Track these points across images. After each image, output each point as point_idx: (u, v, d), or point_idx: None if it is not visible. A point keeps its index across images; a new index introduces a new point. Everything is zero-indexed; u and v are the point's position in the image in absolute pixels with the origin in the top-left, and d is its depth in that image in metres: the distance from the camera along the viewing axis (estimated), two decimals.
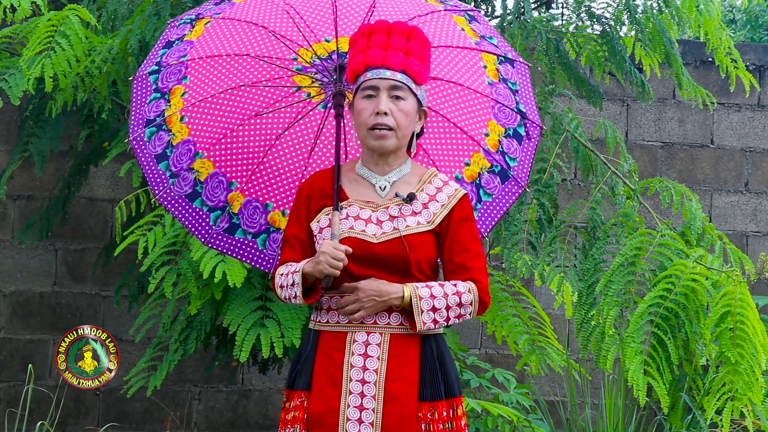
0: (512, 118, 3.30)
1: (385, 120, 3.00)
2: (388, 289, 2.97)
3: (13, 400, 6.33)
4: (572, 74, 5.61)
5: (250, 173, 3.28)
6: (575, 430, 5.76)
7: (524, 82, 3.35)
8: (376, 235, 3.01)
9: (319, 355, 3.03)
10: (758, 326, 4.20)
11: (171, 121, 3.22)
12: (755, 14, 10.20)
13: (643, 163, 6.92)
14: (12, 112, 6.30)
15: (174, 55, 3.24)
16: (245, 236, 3.31)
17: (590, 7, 5.66)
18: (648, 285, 4.41)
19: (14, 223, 6.48)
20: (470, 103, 3.27)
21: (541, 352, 5.03)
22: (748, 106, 7.06)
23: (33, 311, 6.47)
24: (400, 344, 3.00)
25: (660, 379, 4.24)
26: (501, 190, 3.28)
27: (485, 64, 3.30)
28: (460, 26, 3.31)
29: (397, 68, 3.00)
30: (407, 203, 3.04)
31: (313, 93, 3.29)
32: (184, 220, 3.27)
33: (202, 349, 5.47)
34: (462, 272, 3.03)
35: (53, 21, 4.72)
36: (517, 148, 3.31)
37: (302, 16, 3.22)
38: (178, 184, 3.24)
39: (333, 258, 2.93)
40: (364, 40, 3.03)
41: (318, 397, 3.00)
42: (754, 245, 7.00)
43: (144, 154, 3.23)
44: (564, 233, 4.85)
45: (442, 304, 2.98)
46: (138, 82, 3.26)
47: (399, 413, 2.95)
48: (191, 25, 3.28)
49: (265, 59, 3.23)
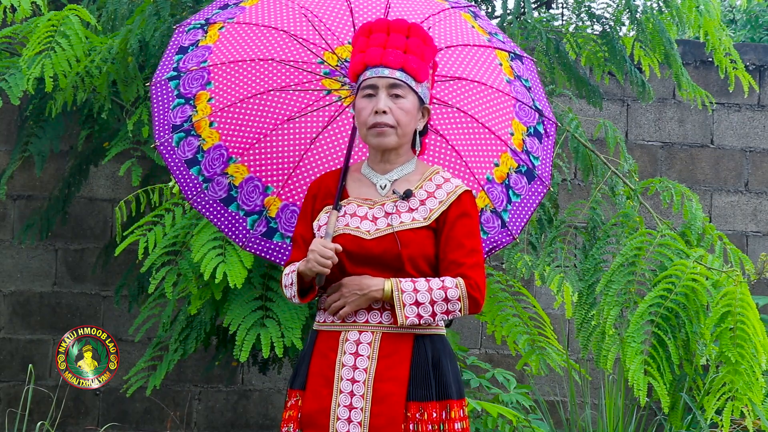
0: (531, 116, 3.27)
1: (384, 119, 2.98)
2: (369, 282, 2.96)
3: (13, 400, 6.33)
4: (572, 74, 5.61)
5: (287, 177, 3.27)
6: (575, 430, 5.76)
7: (534, 78, 3.33)
8: (369, 232, 2.99)
9: (315, 354, 3.04)
10: (758, 326, 4.20)
11: (200, 126, 3.21)
12: (755, 14, 10.20)
13: (643, 163, 6.92)
14: (12, 112, 6.30)
15: (192, 61, 3.23)
16: (284, 240, 3.29)
17: (590, 7, 5.66)
18: (648, 285, 4.41)
19: (14, 223, 6.48)
20: (494, 102, 3.24)
21: (541, 352, 5.03)
22: (748, 106, 7.06)
23: (33, 311, 6.47)
24: (392, 343, 2.98)
25: (660, 379, 4.24)
26: (528, 190, 3.26)
27: (500, 62, 3.28)
28: (470, 23, 3.28)
29: (396, 66, 2.98)
30: (403, 200, 3.01)
31: (344, 95, 3.27)
32: (220, 224, 3.26)
33: (202, 349, 5.47)
34: (454, 268, 2.99)
35: (53, 21, 4.72)
36: (539, 146, 3.29)
37: (321, 20, 3.20)
38: (212, 188, 3.23)
39: (321, 256, 2.93)
40: (364, 39, 3.02)
41: (311, 397, 3.00)
42: (754, 245, 7.00)
43: (173, 159, 3.21)
44: (564, 233, 4.85)
45: (426, 298, 2.94)
46: (157, 87, 3.25)
47: (387, 413, 2.94)
48: (203, 30, 3.27)
49: (291, 63, 3.22)
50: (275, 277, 4.60)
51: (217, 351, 5.23)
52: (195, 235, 4.41)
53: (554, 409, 6.61)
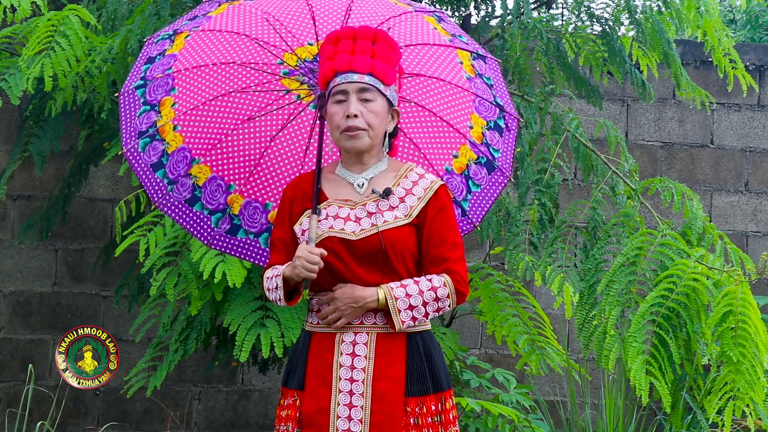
0: (492, 112, 3.40)
1: (356, 122, 3.08)
2: (363, 294, 3.06)
3: (13, 400, 6.33)
4: (572, 74, 5.62)
5: (248, 175, 3.38)
6: (575, 430, 5.76)
7: (497, 77, 3.46)
8: (355, 233, 3.08)
9: (311, 356, 3.13)
10: (760, 326, 4.21)
11: (164, 130, 3.32)
12: (755, 14, 10.20)
13: (643, 163, 6.92)
14: (12, 112, 6.30)
15: (158, 69, 3.34)
16: (247, 236, 3.40)
17: (589, 7, 5.66)
18: (649, 285, 4.42)
19: (14, 223, 6.48)
20: (453, 97, 3.37)
21: (541, 352, 5.04)
22: (748, 106, 7.06)
23: (33, 311, 6.47)
24: (387, 343, 3.09)
25: (662, 378, 4.24)
26: (488, 181, 3.39)
27: (461, 60, 3.40)
28: (432, 25, 3.40)
29: (364, 71, 3.09)
30: (384, 198, 3.11)
31: (303, 94, 3.38)
32: (185, 224, 3.37)
33: (202, 349, 5.47)
34: (438, 263, 3.10)
35: (53, 21, 4.72)
36: (499, 139, 3.41)
37: (282, 23, 3.31)
38: (176, 190, 3.33)
39: (308, 262, 3.02)
40: (331, 47, 3.13)
41: (310, 397, 3.10)
42: (754, 245, 7.00)
43: (139, 164, 3.33)
44: (565, 233, 4.85)
45: (419, 301, 3.06)
46: (125, 96, 3.36)
47: (386, 411, 3.05)
48: (170, 40, 3.37)
49: (251, 65, 3.33)
50: None
51: (217, 351, 5.23)
52: None
53: (554, 409, 6.61)
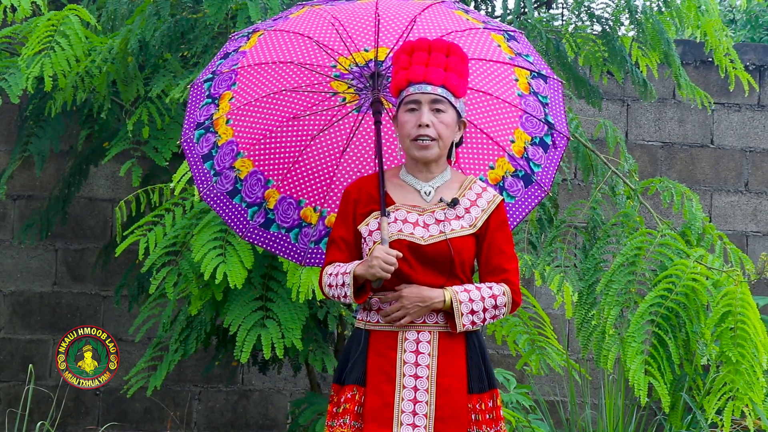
0: (539, 128, 3.49)
1: (427, 131, 3.19)
2: (431, 294, 3.18)
3: (13, 400, 6.33)
4: (572, 74, 5.62)
5: (286, 172, 3.48)
6: (575, 430, 5.76)
7: (555, 96, 3.54)
8: (423, 238, 3.20)
9: (372, 353, 3.22)
10: (759, 326, 4.21)
11: (218, 123, 3.46)
12: (755, 14, 10.20)
13: (643, 163, 6.92)
14: (12, 112, 6.30)
15: (228, 65, 3.48)
16: (279, 230, 3.50)
17: (590, 7, 5.66)
18: (648, 285, 4.42)
19: (14, 223, 6.48)
20: (497, 111, 3.47)
21: (541, 352, 5.03)
22: (748, 106, 7.06)
23: (33, 311, 6.47)
24: (448, 342, 3.21)
25: (661, 378, 4.24)
26: (524, 193, 3.48)
27: (517, 78, 3.49)
28: (496, 43, 3.50)
29: (438, 83, 3.20)
30: (451, 207, 3.22)
31: (348, 98, 3.48)
32: (224, 215, 3.47)
33: (202, 349, 5.47)
34: (498, 273, 3.25)
35: (53, 21, 4.73)
36: (543, 155, 3.50)
37: (346, 28, 3.42)
38: (220, 181, 3.44)
39: (385, 262, 3.12)
40: (406, 57, 3.23)
41: (374, 393, 3.19)
42: (754, 245, 7.00)
43: (192, 154, 3.47)
44: (564, 233, 4.86)
45: (480, 306, 3.19)
46: (194, 89, 3.52)
47: (451, 405, 3.18)
48: (247, 37, 3.52)
49: (306, 66, 3.44)
50: (275, 277, 4.61)
51: (217, 351, 5.23)
52: (195, 235, 4.42)
53: (554, 409, 6.61)
